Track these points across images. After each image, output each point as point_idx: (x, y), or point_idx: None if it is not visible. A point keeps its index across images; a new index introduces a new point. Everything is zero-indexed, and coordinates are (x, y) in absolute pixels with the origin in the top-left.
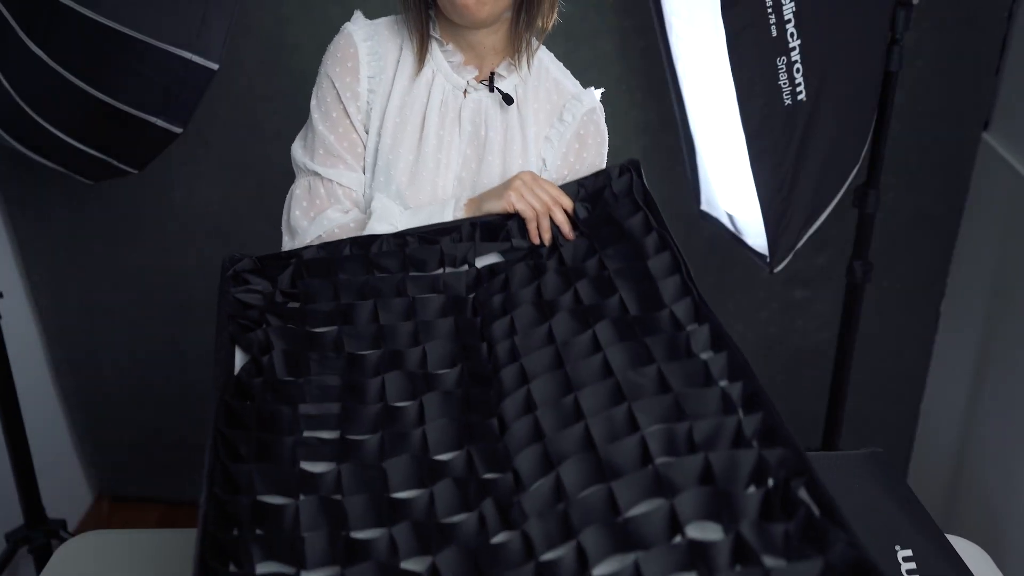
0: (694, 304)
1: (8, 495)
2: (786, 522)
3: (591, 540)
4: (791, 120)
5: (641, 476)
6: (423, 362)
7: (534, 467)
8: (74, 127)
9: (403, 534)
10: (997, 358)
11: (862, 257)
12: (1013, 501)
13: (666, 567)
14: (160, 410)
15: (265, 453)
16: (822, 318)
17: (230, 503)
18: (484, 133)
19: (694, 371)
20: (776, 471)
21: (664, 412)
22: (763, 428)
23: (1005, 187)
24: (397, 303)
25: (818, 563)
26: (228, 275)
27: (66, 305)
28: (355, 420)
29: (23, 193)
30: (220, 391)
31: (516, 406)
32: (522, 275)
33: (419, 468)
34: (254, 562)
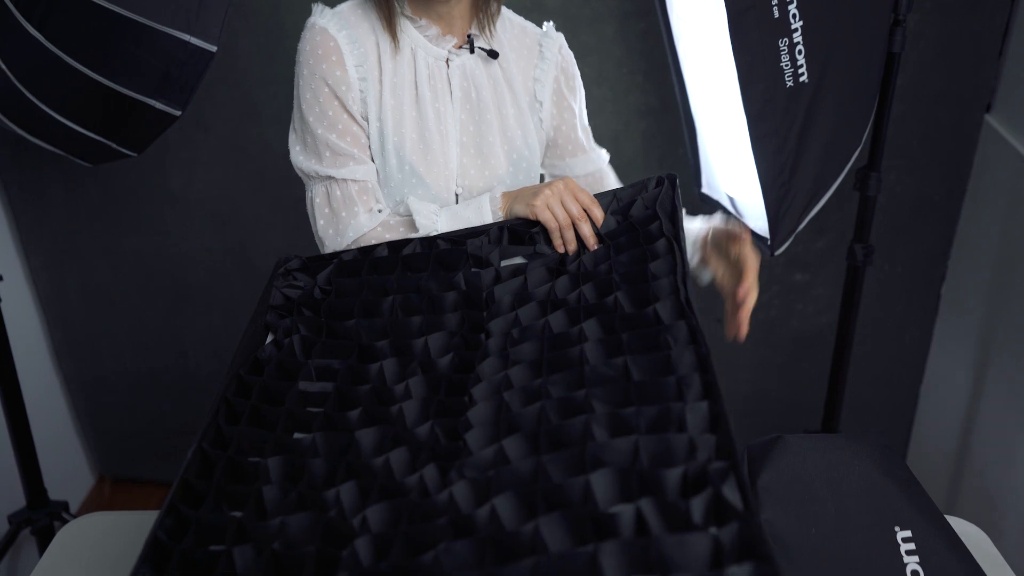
0: (678, 302)
1: (10, 477)
2: (689, 500)
3: (504, 504)
4: (793, 102)
5: (573, 453)
6: (424, 351)
7: (483, 439)
8: (72, 109)
9: (348, 493)
10: (998, 342)
11: (863, 240)
12: (1012, 483)
13: (564, 536)
14: (160, 393)
15: (258, 421)
16: (822, 301)
17: (212, 455)
18: (475, 95)
19: (657, 363)
20: (701, 454)
21: (617, 398)
22: (710, 416)
23: (1008, 169)
24: (414, 299)
25: (707, 537)
26: (279, 272)
27: (66, 288)
28: (344, 399)
29: (22, 176)
30: (237, 366)
31: (491, 388)
32: (538, 276)
33: (383, 439)
34: (225, 511)
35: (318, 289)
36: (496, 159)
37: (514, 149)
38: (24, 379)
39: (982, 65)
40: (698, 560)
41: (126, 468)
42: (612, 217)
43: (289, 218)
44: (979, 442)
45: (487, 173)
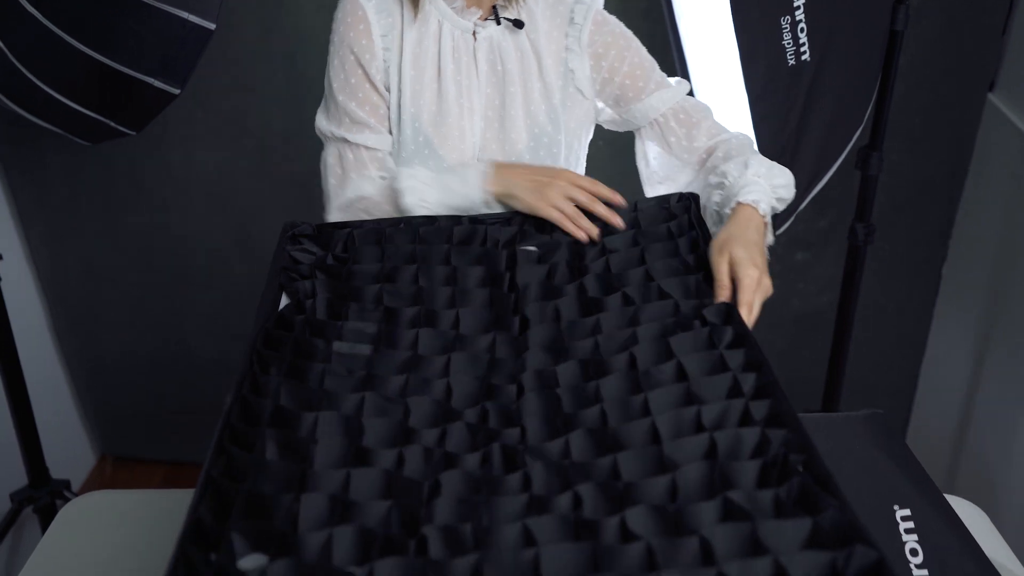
0: (726, 308)
1: (12, 456)
2: (778, 488)
3: (588, 493)
4: (795, 81)
5: (647, 452)
6: (456, 324)
7: (544, 430)
8: (71, 88)
9: (413, 455)
10: (999, 323)
11: (864, 220)
12: (1011, 462)
13: (656, 525)
14: (161, 372)
15: (295, 374)
16: (823, 281)
17: (255, 404)
18: (501, 68)
19: (711, 363)
20: (776, 447)
21: (677, 399)
22: (770, 414)
23: (1010, 149)
24: (439, 270)
25: (807, 523)
26: (287, 235)
27: (66, 267)
28: (384, 362)
29: (21, 155)
30: (263, 321)
31: (539, 381)
32: (563, 269)
33: (437, 410)
34: (267, 455)
35: (331, 256)
36: (517, 132)
37: (536, 124)
38: (25, 358)
39: (985, 43)
40: (800, 544)
41: (127, 447)
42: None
43: (289, 196)
44: (978, 422)
45: (507, 148)
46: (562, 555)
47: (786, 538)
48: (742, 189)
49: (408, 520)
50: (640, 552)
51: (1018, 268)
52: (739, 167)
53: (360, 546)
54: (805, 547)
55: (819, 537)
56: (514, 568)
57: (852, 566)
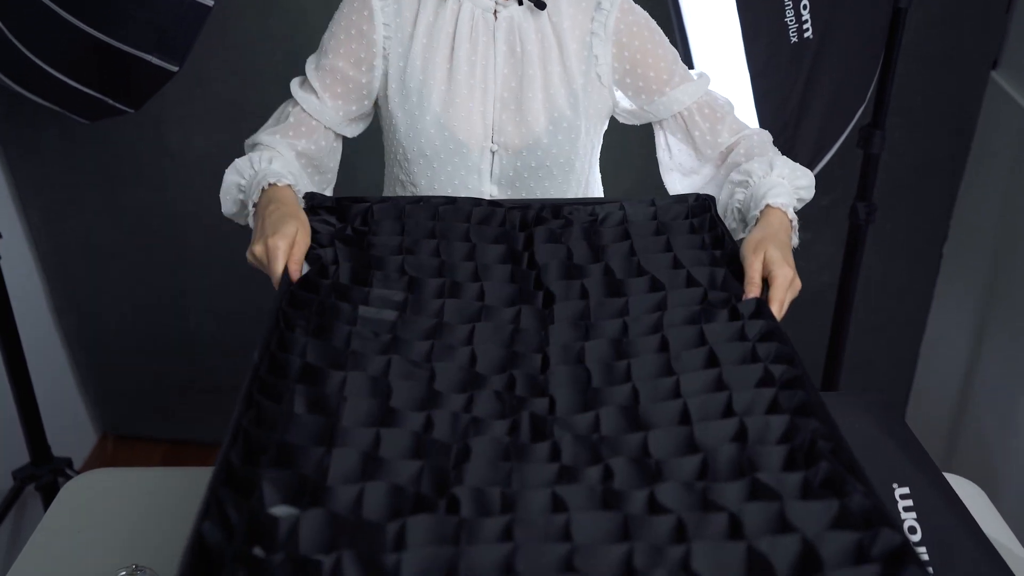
0: (757, 303)
1: (14, 434)
2: (806, 471)
3: (619, 466)
4: (797, 58)
5: (676, 432)
6: (480, 296)
7: (573, 403)
8: (69, 65)
9: (441, 418)
10: (999, 303)
11: (866, 199)
12: (1009, 440)
13: (685, 501)
14: (161, 351)
15: (321, 334)
16: (824, 259)
17: (283, 360)
18: (520, 49)
19: (742, 353)
20: (805, 435)
21: (707, 384)
22: (799, 404)
23: (1013, 128)
24: (459, 246)
25: (834, 505)
26: (306, 207)
27: (65, 245)
28: (409, 328)
29: (19, 133)
30: (286, 285)
31: (567, 355)
32: (584, 250)
33: (464, 376)
34: (295, 409)
35: (350, 228)
36: (535, 116)
37: (555, 107)
38: (25, 337)
39: (988, 22)
40: (828, 524)
41: (128, 426)
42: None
43: None
44: (978, 401)
45: (524, 130)
46: (593, 522)
47: (814, 518)
48: (769, 191)
49: (438, 481)
50: (670, 524)
51: (1019, 249)
52: (764, 167)
53: (392, 502)
54: (832, 527)
55: (846, 519)
56: (545, 532)
57: (877, 547)
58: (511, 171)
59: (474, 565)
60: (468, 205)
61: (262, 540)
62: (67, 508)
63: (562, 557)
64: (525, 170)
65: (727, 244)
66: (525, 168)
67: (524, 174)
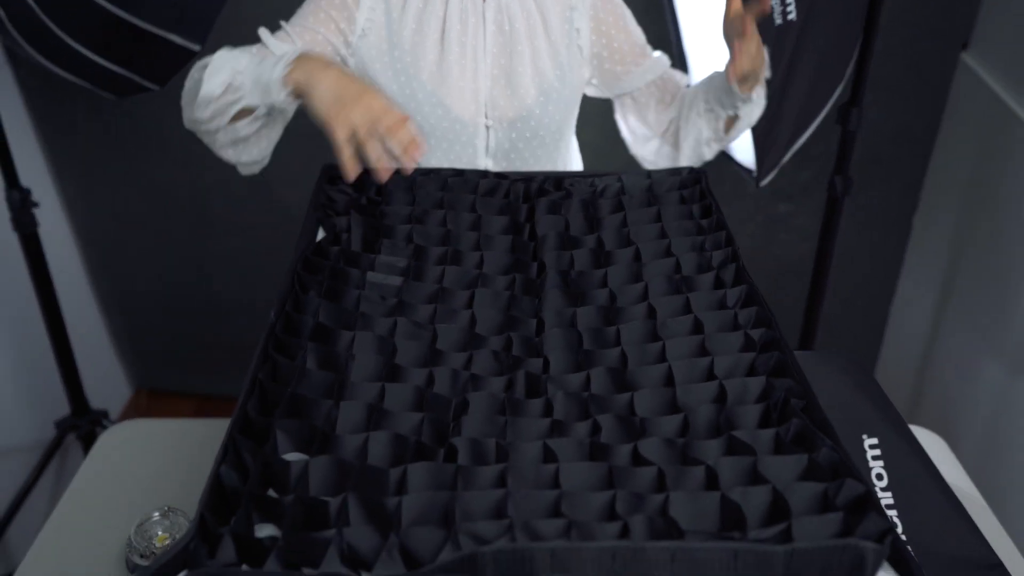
0: (737, 270)
1: (55, 388)
2: (778, 428)
3: (606, 423)
4: (781, 40)
5: (660, 393)
6: (480, 264)
7: (566, 364)
8: (98, 43)
9: (442, 375)
10: (962, 268)
11: (843, 172)
12: (969, 395)
13: (666, 455)
14: (188, 311)
15: (332, 296)
16: (803, 230)
17: (297, 320)
18: (508, 27)
19: (724, 320)
20: (779, 393)
21: (691, 350)
22: (775, 365)
23: (981, 106)
24: (466, 216)
25: (803, 459)
26: (326, 177)
27: (98, 214)
28: (413, 292)
29: (53, 109)
30: (302, 249)
31: (559, 319)
32: (580, 221)
33: (464, 337)
34: (307, 365)
35: (365, 198)
36: (525, 89)
37: (544, 80)
38: (63, 299)
39: (960, 4)
40: (796, 476)
41: (160, 381)
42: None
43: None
44: (941, 358)
45: (516, 104)
46: (580, 472)
47: (784, 471)
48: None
49: (438, 432)
50: (652, 475)
51: (983, 220)
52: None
53: (394, 450)
54: (801, 479)
55: (814, 471)
56: (536, 480)
57: (842, 496)
58: (506, 143)
59: (469, 509)
60: (475, 177)
61: (275, 483)
62: (104, 455)
63: (551, 503)
64: (520, 141)
65: (715, 214)
66: (520, 139)
67: (519, 145)
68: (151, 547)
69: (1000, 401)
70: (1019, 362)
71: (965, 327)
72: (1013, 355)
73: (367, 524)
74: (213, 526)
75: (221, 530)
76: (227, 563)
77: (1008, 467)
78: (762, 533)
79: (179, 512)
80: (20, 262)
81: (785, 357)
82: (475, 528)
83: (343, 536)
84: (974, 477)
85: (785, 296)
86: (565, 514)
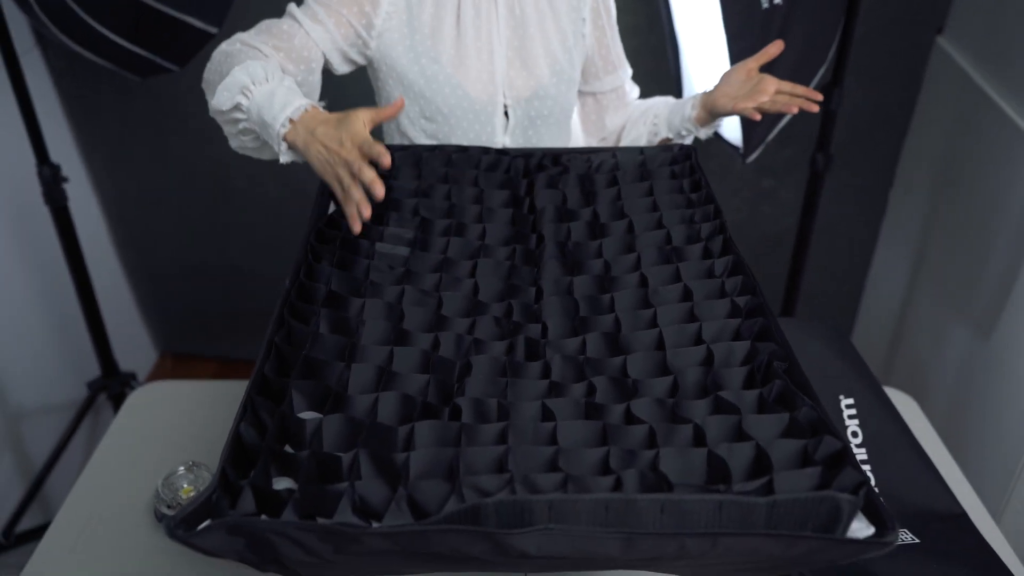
0: (724, 241)
1: (87, 352)
2: (762, 388)
3: (601, 384)
4: (767, 23)
5: (652, 356)
6: (482, 236)
7: (563, 329)
8: (121, 26)
9: (447, 339)
10: (934, 242)
11: (824, 150)
12: (938, 359)
13: (656, 414)
14: (209, 280)
15: (343, 266)
16: (787, 205)
17: (311, 287)
18: (519, 11)
19: (712, 288)
20: (763, 356)
21: (681, 316)
22: (760, 330)
23: (954, 87)
24: (469, 191)
25: (784, 417)
26: None
27: (123, 190)
28: (420, 262)
29: (80, 90)
30: (314, 221)
31: (557, 287)
32: (576, 195)
33: (467, 304)
34: (320, 330)
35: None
36: (540, 69)
37: (556, 61)
38: (93, 269)
39: None
40: (778, 434)
41: (183, 345)
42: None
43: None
44: (913, 325)
45: (532, 83)
46: (576, 429)
47: (767, 428)
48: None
49: (443, 392)
50: (643, 433)
51: (955, 196)
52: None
53: (402, 409)
54: (782, 436)
55: (795, 429)
56: (535, 437)
57: (820, 452)
58: (525, 121)
59: (472, 463)
60: (478, 153)
61: (291, 439)
62: (133, 414)
63: (549, 458)
64: (538, 119)
65: (704, 188)
66: (538, 117)
67: (537, 122)
68: (177, 498)
69: (966, 364)
70: (984, 328)
71: (936, 295)
72: (979, 321)
73: (377, 478)
74: (234, 479)
75: (241, 483)
76: (247, 513)
77: (972, 425)
78: (746, 486)
79: (203, 466)
80: (52, 235)
81: (768, 323)
82: (478, 481)
83: (355, 489)
84: (942, 434)
85: (769, 266)
86: (562, 469)
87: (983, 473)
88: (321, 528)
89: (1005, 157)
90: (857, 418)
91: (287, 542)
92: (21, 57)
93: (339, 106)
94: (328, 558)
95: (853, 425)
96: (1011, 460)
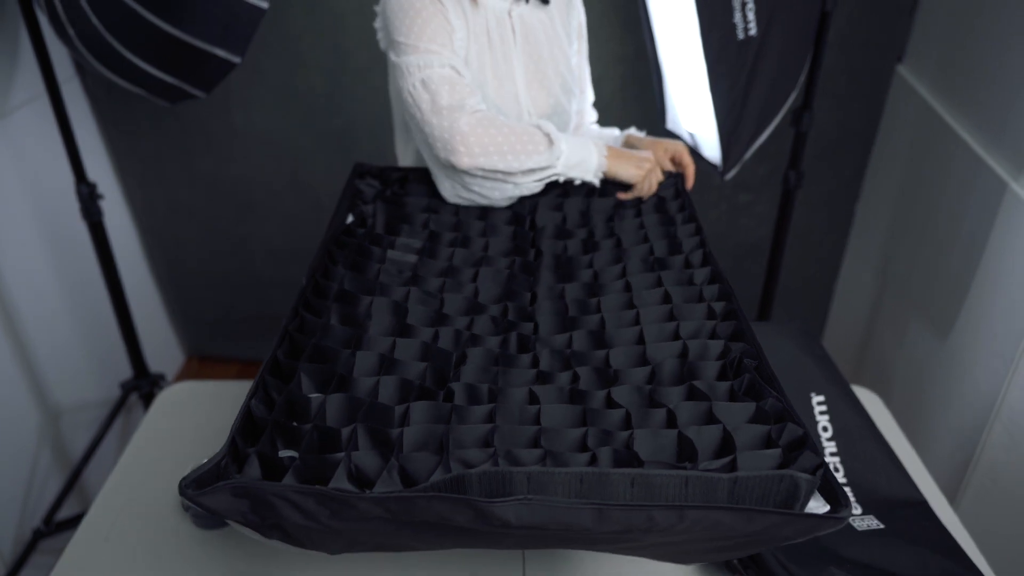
0: (704, 255)
1: (120, 355)
2: (733, 381)
3: (585, 373)
4: (743, 51)
5: (633, 350)
6: (485, 248)
7: (553, 327)
8: (152, 57)
9: (446, 333)
10: (898, 250)
11: (796, 167)
12: (902, 360)
13: (634, 399)
14: (232, 288)
15: (356, 268)
16: (761, 217)
17: (325, 285)
18: (533, 38)
19: (691, 294)
20: (734, 354)
21: (661, 316)
22: (733, 332)
23: (912, 111)
24: (475, 209)
25: (752, 406)
26: (357, 172)
27: (154, 204)
28: (426, 268)
29: (117, 116)
30: (333, 231)
31: (551, 293)
32: (575, 216)
33: (467, 304)
34: (330, 321)
35: (390, 191)
36: (554, 87)
37: (563, 79)
38: (125, 278)
39: (896, 21)
40: (745, 420)
41: (209, 348)
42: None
43: (330, 147)
44: (878, 327)
45: (551, 101)
46: (559, 412)
47: (734, 415)
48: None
49: (439, 378)
50: (620, 416)
51: (915, 208)
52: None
53: (401, 391)
54: (748, 422)
55: (760, 416)
56: (520, 417)
57: (783, 438)
58: None
59: (460, 439)
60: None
61: (297, 415)
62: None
63: (531, 436)
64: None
65: (687, 208)
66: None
67: None
68: None
69: (926, 365)
70: (943, 329)
71: (899, 300)
72: (938, 323)
73: (372, 449)
74: (242, 448)
75: (249, 450)
76: (252, 477)
77: (932, 420)
78: (711, 464)
79: None
80: (88, 248)
81: (742, 326)
82: (464, 455)
83: (351, 458)
84: (904, 428)
85: (746, 274)
86: (543, 446)
87: (941, 463)
88: (318, 492)
89: (960, 176)
90: (827, 414)
91: (287, 505)
92: (62, 85)
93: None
94: (325, 522)
95: (824, 420)
96: (966, 451)
